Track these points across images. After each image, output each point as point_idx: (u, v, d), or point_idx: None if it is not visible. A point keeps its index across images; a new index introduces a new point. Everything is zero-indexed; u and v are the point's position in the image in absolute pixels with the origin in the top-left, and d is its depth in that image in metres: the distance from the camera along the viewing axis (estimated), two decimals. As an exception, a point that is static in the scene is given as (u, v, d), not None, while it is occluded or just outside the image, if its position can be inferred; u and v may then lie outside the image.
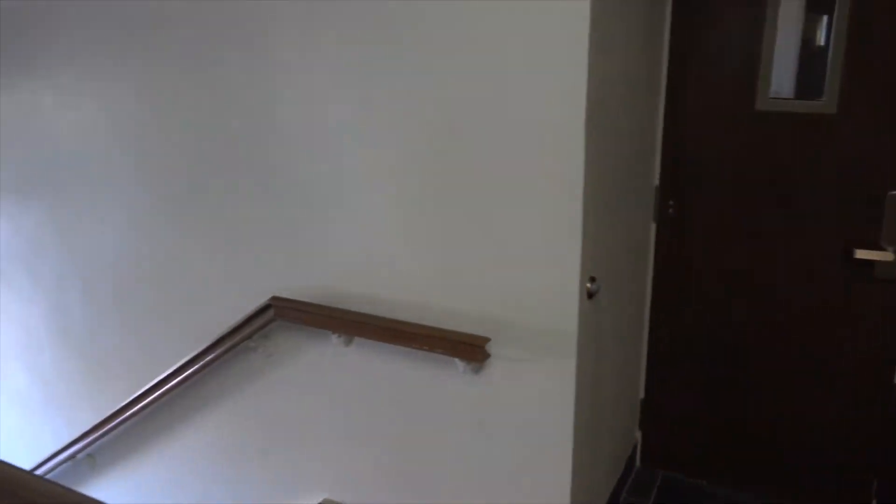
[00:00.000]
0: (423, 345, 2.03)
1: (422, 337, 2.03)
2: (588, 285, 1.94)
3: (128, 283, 2.70)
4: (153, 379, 2.63)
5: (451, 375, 2.11)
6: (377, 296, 2.18)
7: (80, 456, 3.00)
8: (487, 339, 1.99)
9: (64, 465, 3.03)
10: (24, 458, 3.13)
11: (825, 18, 2.27)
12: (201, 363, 2.45)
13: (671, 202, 2.59)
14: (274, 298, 2.28)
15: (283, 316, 2.26)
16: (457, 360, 2.04)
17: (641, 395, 2.82)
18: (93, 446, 2.94)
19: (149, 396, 2.65)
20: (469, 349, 1.99)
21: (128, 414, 2.74)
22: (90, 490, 2.96)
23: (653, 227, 2.65)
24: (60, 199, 2.75)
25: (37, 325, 3.01)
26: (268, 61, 2.15)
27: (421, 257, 2.08)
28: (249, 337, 2.35)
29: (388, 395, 2.27)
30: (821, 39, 2.29)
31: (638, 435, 2.87)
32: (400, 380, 2.22)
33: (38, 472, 3.01)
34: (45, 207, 2.80)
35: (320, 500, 2.50)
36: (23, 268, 2.95)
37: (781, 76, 2.36)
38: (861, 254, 2.35)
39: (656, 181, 2.60)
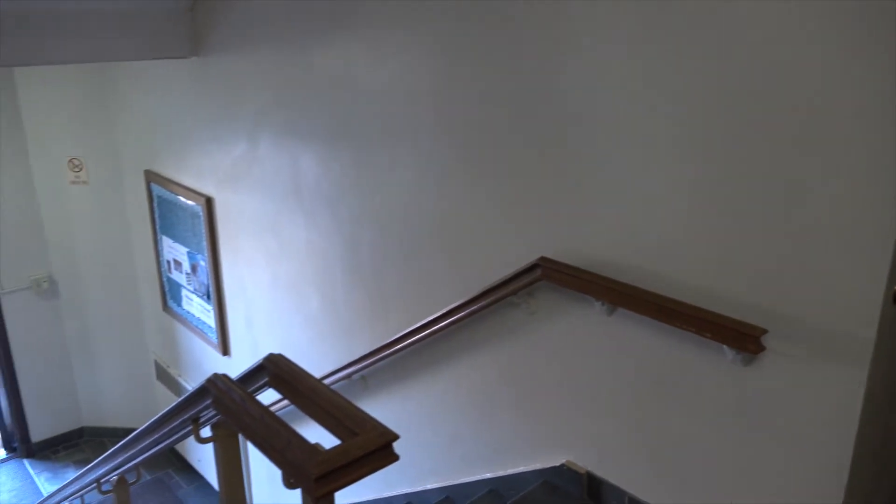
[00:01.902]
0: (691, 326, 1.94)
1: (691, 317, 1.94)
2: (897, 287, 1.70)
3: (411, 229, 2.93)
4: (423, 319, 2.85)
5: (716, 362, 2.00)
6: (644, 269, 2.12)
7: (354, 377, 3.37)
8: (764, 331, 1.84)
9: (341, 382, 3.43)
10: (312, 371, 3.59)
11: None
12: (468, 311, 2.60)
13: None
14: (542, 259, 2.33)
15: (549, 277, 2.31)
16: (725, 347, 1.93)
17: (944, 422, 2.43)
18: (366, 370, 3.29)
19: (418, 334, 2.88)
20: (742, 338, 1.86)
21: (398, 347, 3.00)
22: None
23: None
24: (362, 146, 3.05)
25: (333, 259, 3.41)
26: (561, 31, 2.16)
27: (698, 237, 1.98)
28: (515, 293, 2.43)
29: (645, 371, 2.22)
30: None
31: (932, 467, 2.49)
32: (660, 357, 2.16)
33: (321, 384, 3.45)
34: (349, 153, 3.13)
35: (563, 461, 2.54)
36: (327, 206, 3.34)
37: None
38: None
39: None
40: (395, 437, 1.37)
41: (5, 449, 5.96)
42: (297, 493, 1.39)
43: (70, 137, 5.25)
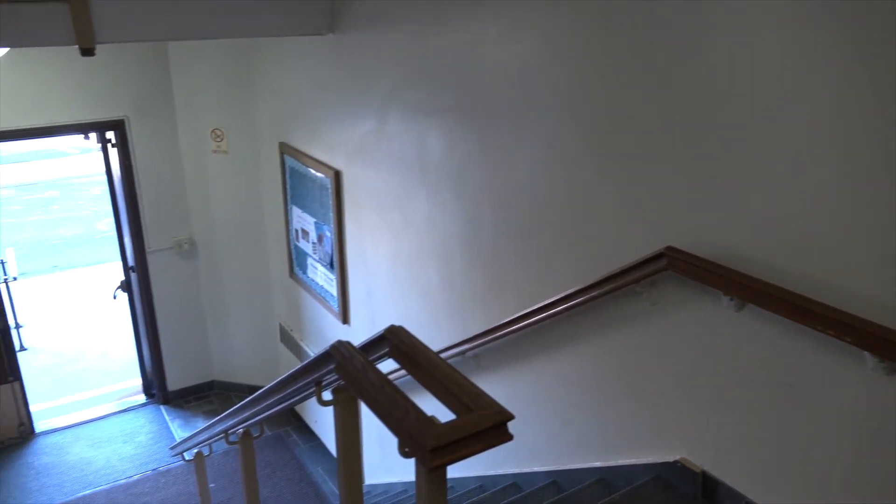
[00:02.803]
0: (829, 328, 1.82)
1: (830, 319, 1.82)
2: None
3: (532, 211, 2.91)
4: (539, 301, 2.84)
5: (854, 369, 1.87)
6: (780, 264, 2.00)
7: (468, 354, 3.41)
8: (914, 339, 1.70)
9: (454, 358, 3.48)
10: (427, 345, 3.66)
11: None
12: (587, 296, 2.56)
13: None
14: (668, 248, 2.25)
15: (675, 267, 2.23)
16: (867, 353, 1.79)
17: None
18: (479, 349, 3.32)
19: (534, 317, 2.87)
20: (887, 345, 1.73)
21: (513, 328, 3.00)
22: (472, 386, 3.35)
23: None
24: (488, 126, 3.05)
25: (453, 236, 3.45)
26: (706, 10, 2.05)
27: (844, 233, 1.84)
28: (637, 281, 2.37)
29: (773, 372, 2.11)
30: None
31: None
32: (791, 359, 2.04)
33: (435, 359, 3.51)
34: (475, 131, 3.14)
35: (677, 458, 2.47)
36: (450, 183, 3.38)
37: None
38: None
39: None
40: (511, 416, 1.37)
41: (145, 394, 6.51)
42: (411, 462, 1.43)
43: (214, 109, 5.59)
